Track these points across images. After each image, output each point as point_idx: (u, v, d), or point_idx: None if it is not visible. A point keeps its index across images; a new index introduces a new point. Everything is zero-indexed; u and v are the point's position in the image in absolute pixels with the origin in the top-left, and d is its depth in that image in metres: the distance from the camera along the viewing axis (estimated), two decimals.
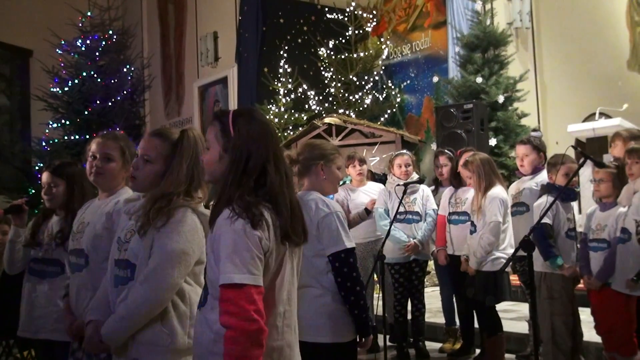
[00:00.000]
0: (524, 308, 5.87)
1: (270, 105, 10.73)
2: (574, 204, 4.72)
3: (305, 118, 10.62)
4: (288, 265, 2.13)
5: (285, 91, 10.84)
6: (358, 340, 3.10)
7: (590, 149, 6.37)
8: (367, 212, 5.81)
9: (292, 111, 10.78)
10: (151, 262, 2.45)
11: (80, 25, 11.15)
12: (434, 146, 8.63)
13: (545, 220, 4.27)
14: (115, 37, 11.30)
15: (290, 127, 10.61)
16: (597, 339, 4.50)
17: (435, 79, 10.18)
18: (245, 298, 1.95)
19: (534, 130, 7.55)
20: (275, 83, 10.88)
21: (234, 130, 2.11)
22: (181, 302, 2.50)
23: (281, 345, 2.09)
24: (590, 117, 7.43)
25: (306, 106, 10.86)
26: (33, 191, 9.60)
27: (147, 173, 2.61)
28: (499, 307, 5.11)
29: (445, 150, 6.05)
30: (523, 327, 5.50)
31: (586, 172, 5.76)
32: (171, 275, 2.43)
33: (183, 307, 2.49)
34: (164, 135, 2.65)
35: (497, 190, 4.91)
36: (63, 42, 10.94)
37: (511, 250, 4.93)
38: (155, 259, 2.44)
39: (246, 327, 1.92)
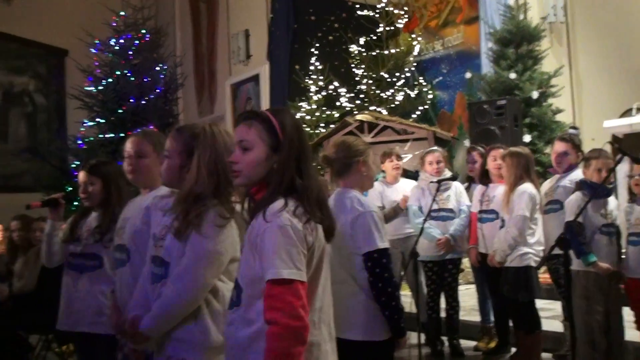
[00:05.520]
0: (559, 306, 5.81)
1: (302, 103, 10.74)
2: (612, 200, 4.66)
3: (336, 115, 10.60)
4: (325, 260, 2.14)
5: (317, 88, 10.83)
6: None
7: (628, 145, 6.26)
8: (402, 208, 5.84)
9: (324, 108, 10.77)
10: (183, 261, 2.46)
11: (114, 24, 11.26)
12: (466, 143, 8.56)
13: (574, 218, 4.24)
14: (148, 36, 11.38)
15: (322, 125, 10.60)
16: (636, 337, 4.45)
17: (468, 74, 10.07)
18: (293, 294, 1.95)
19: (572, 127, 7.45)
20: (307, 80, 10.88)
21: (284, 128, 2.11)
22: (215, 299, 2.51)
23: (318, 341, 2.09)
24: (627, 113, 7.31)
25: (337, 103, 10.84)
26: (70, 188, 9.73)
27: (164, 167, 2.69)
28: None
29: (478, 147, 6.02)
30: (560, 326, 5.44)
31: (624, 168, 5.67)
32: (203, 275, 2.45)
33: (217, 305, 2.51)
34: (178, 131, 2.71)
35: (527, 186, 4.89)
36: (97, 42, 11.05)
37: (540, 247, 4.91)
38: (188, 258, 2.46)
39: (292, 323, 1.92)
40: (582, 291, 4.36)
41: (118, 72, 10.77)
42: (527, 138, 8.09)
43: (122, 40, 11.03)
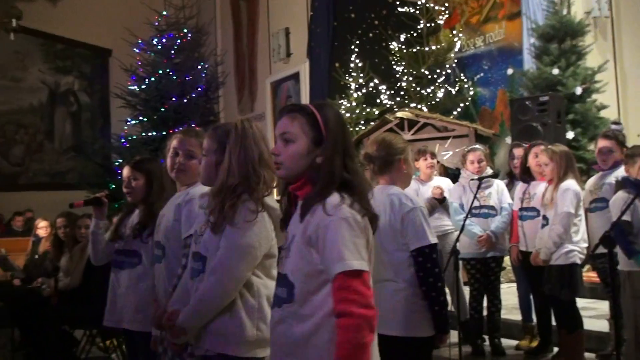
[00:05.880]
0: (603, 306, 5.71)
1: (342, 100, 10.73)
2: None
3: (376, 112, 10.57)
4: (374, 254, 2.16)
5: (357, 86, 10.81)
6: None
7: None
8: (439, 202, 5.82)
9: (364, 106, 10.74)
10: (218, 255, 2.52)
11: (156, 24, 11.42)
12: (508, 140, 8.47)
13: (623, 217, 4.16)
14: (189, 35, 11.52)
15: (362, 122, 10.58)
16: None
17: (510, 71, 9.92)
18: (365, 284, 1.98)
19: (614, 122, 7.31)
20: (347, 78, 10.87)
21: (327, 123, 2.12)
22: (249, 295, 2.55)
23: None
24: None
25: (378, 100, 10.80)
26: (113, 186, 9.91)
27: (202, 166, 2.78)
28: (578, 304, 4.99)
29: (522, 143, 5.96)
30: (603, 326, 5.35)
31: None
32: (237, 268, 2.49)
33: (251, 300, 2.55)
34: (214, 129, 2.78)
35: (571, 183, 4.82)
36: (140, 41, 11.23)
37: (584, 245, 4.84)
38: (222, 252, 2.51)
39: (367, 313, 1.95)
40: (632, 291, 4.27)
41: (160, 71, 10.93)
42: (570, 134, 7.97)
43: (164, 40, 11.19)
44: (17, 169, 15.54)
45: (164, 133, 10.06)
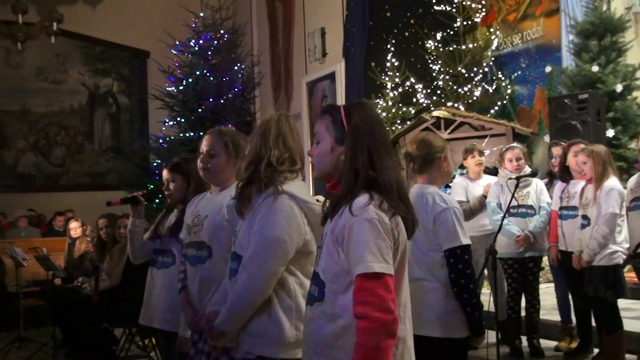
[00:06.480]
0: None
1: (378, 100, 10.70)
2: None
3: (413, 112, 10.51)
4: (407, 256, 2.14)
5: (393, 85, 10.76)
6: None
7: None
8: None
9: (400, 105, 10.70)
10: (249, 251, 2.52)
11: (193, 25, 11.51)
12: (546, 138, 8.37)
13: None
14: (226, 36, 11.58)
15: (399, 121, 10.54)
16: None
17: (548, 68, 9.79)
18: (384, 287, 1.95)
19: None
20: (383, 77, 10.84)
21: (350, 120, 2.12)
22: (286, 294, 2.54)
23: (404, 335, 2.09)
24: None
25: (414, 100, 10.75)
26: (152, 186, 10.02)
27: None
28: (619, 305, 4.91)
29: (560, 142, 5.89)
30: None
31: None
32: (267, 263, 2.48)
33: (288, 300, 2.53)
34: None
35: (614, 182, 4.76)
36: (178, 43, 11.33)
37: (627, 245, 4.77)
38: (252, 248, 2.51)
39: (383, 317, 1.92)
40: None
41: (197, 72, 11.00)
42: (610, 133, 7.84)
43: (201, 41, 11.26)
44: (58, 170, 15.81)
45: (201, 133, 10.12)
